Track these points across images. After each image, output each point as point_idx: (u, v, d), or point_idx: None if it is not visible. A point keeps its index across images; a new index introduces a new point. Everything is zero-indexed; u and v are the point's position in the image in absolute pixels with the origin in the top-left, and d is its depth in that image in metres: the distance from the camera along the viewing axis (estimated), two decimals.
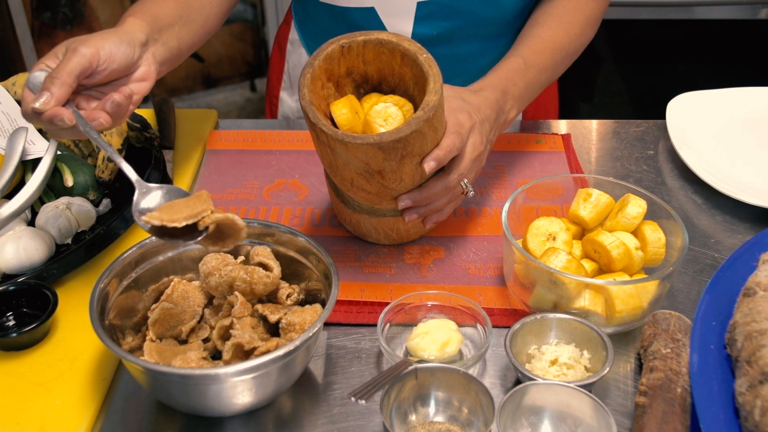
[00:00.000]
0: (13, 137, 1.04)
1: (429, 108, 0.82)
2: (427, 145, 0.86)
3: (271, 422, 0.80)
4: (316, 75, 0.87)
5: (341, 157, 0.85)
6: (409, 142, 0.82)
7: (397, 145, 0.82)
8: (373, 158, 0.83)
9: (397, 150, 0.83)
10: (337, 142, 0.82)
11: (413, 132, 0.81)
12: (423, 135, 0.83)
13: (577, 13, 1.12)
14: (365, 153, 0.82)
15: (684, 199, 1.12)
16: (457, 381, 0.78)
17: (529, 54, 1.08)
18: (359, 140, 0.81)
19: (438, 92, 0.84)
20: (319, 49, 0.88)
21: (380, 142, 0.81)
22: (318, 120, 0.83)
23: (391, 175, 0.86)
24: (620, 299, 0.84)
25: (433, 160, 0.86)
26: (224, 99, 3.20)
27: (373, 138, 0.81)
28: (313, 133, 0.86)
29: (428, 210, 0.94)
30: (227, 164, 1.17)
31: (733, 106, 1.28)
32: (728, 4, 2.31)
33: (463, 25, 1.16)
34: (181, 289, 0.88)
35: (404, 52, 0.87)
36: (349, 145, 0.82)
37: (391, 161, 0.84)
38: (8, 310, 0.89)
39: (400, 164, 0.85)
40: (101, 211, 1.05)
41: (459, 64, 1.20)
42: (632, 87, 2.63)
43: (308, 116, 0.84)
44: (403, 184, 0.88)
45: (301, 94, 0.86)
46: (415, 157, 0.85)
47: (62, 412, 0.80)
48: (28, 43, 2.71)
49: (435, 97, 0.83)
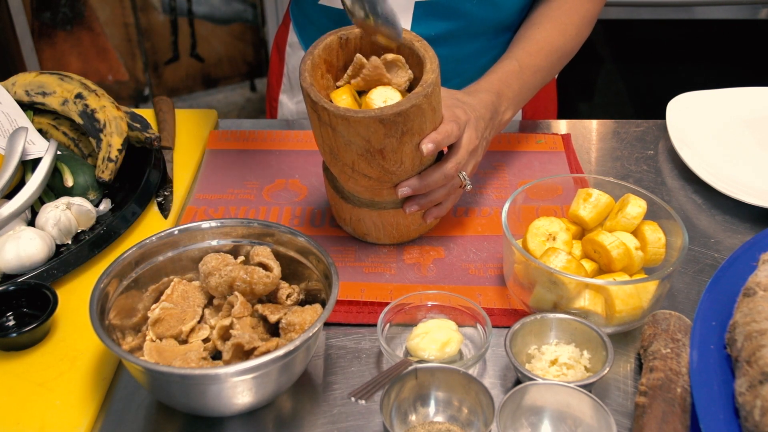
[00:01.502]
0: (13, 137, 1.04)
1: (428, 84, 0.85)
2: (426, 125, 0.87)
3: (271, 422, 0.80)
4: (316, 63, 0.90)
5: (342, 136, 0.86)
6: (409, 116, 0.84)
7: (397, 119, 0.84)
8: (374, 134, 0.84)
9: (398, 125, 0.84)
10: (338, 118, 0.84)
11: (413, 106, 0.83)
12: (422, 112, 0.85)
13: (572, 14, 1.13)
14: (367, 128, 0.84)
15: (684, 199, 1.12)
16: (457, 381, 0.78)
17: (523, 56, 1.09)
18: (361, 114, 0.83)
19: (435, 71, 0.86)
20: (318, 40, 0.91)
21: (381, 115, 0.83)
22: (320, 99, 0.85)
23: (391, 155, 0.87)
24: (620, 299, 0.84)
25: (431, 142, 0.88)
26: (224, 99, 3.20)
27: (375, 112, 0.83)
28: (315, 115, 0.87)
29: (428, 201, 0.95)
30: (227, 164, 1.17)
31: (733, 106, 1.28)
32: (728, 4, 2.31)
33: (462, 26, 1.16)
34: (181, 289, 0.88)
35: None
36: (351, 120, 0.83)
37: (392, 138, 0.85)
38: (8, 310, 0.89)
39: (400, 142, 0.86)
40: (101, 211, 1.05)
41: (457, 64, 1.20)
42: (632, 87, 2.63)
43: (310, 96, 0.86)
44: (404, 168, 0.89)
45: (302, 77, 0.88)
46: (415, 136, 0.87)
47: (62, 412, 0.80)
48: (28, 43, 2.71)
49: (432, 75, 0.86)
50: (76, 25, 2.82)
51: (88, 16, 2.82)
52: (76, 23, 2.82)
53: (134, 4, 2.87)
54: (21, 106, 1.13)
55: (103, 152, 1.05)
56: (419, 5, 1.12)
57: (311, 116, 0.89)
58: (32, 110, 1.15)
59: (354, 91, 0.93)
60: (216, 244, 0.90)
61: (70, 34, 2.83)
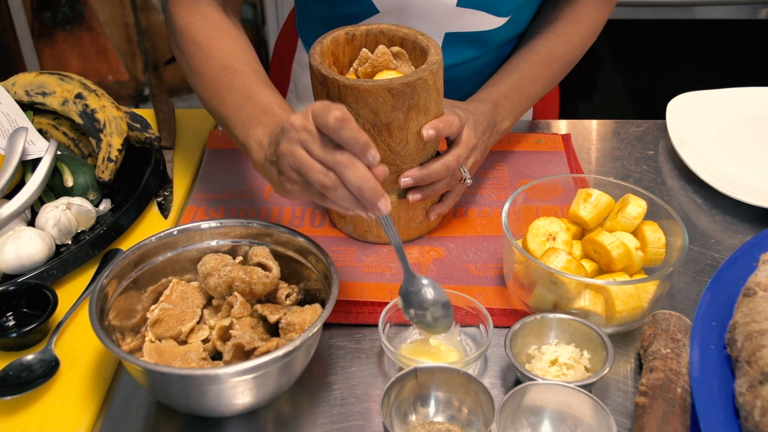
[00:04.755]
0: (13, 137, 1.04)
1: (433, 63, 0.88)
2: (431, 105, 0.90)
3: (271, 422, 0.80)
4: (324, 52, 0.93)
5: (351, 109, 0.88)
6: (416, 89, 0.87)
7: (405, 89, 0.86)
8: (382, 105, 0.86)
9: (405, 97, 0.86)
10: (348, 89, 0.86)
11: (420, 79, 0.86)
12: (428, 87, 0.88)
13: (577, 24, 1.12)
14: (375, 98, 0.86)
15: (684, 199, 1.12)
16: (457, 381, 0.78)
17: (524, 67, 1.10)
18: (370, 83, 0.86)
19: (439, 54, 0.90)
20: (326, 34, 0.95)
21: (390, 85, 0.85)
22: (329, 72, 0.88)
23: (397, 132, 0.89)
24: (620, 299, 0.84)
25: (432, 128, 0.90)
26: None
27: (384, 81, 0.86)
28: (323, 91, 0.89)
29: (431, 190, 0.96)
30: (227, 164, 1.17)
31: (733, 106, 1.28)
32: (728, 4, 2.31)
33: (487, 50, 1.16)
34: (180, 289, 0.88)
35: (403, 36, 0.95)
36: (360, 89, 0.86)
37: (399, 111, 0.87)
38: (8, 310, 0.89)
39: (407, 118, 0.88)
40: (101, 211, 1.05)
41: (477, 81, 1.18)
42: (632, 87, 2.63)
43: (320, 71, 0.88)
44: (408, 149, 0.91)
45: (312, 58, 0.90)
46: (420, 114, 0.89)
47: (62, 412, 0.80)
48: (28, 43, 2.71)
49: (437, 57, 0.89)
50: (76, 25, 2.82)
51: (88, 16, 2.82)
52: (76, 23, 2.82)
53: (134, 4, 2.87)
54: (21, 106, 1.13)
55: (103, 152, 1.05)
56: (449, 36, 1.12)
57: (319, 94, 0.91)
58: (32, 110, 1.15)
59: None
60: (215, 245, 0.90)
61: (70, 34, 2.83)
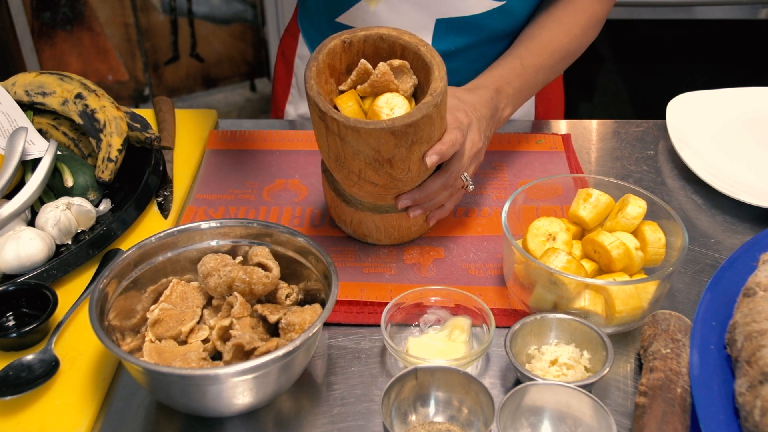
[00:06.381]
0: (13, 137, 1.04)
1: (437, 93, 0.84)
2: (435, 133, 0.87)
3: (271, 422, 0.80)
4: (320, 69, 0.89)
5: (351, 146, 0.85)
6: (420, 127, 0.84)
7: (408, 129, 0.83)
8: (384, 144, 0.84)
9: (408, 135, 0.84)
10: (348, 129, 0.83)
11: (424, 117, 0.83)
12: (432, 121, 0.85)
13: (578, 15, 1.12)
14: (377, 139, 0.83)
15: (684, 199, 1.12)
16: (457, 381, 0.78)
17: (526, 54, 1.09)
18: (372, 125, 0.82)
19: (443, 79, 0.86)
20: (322, 44, 0.90)
21: (393, 126, 0.82)
22: (328, 109, 0.84)
23: (399, 163, 0.87)
24: (620, 299, 0.84)
25: (436, 154, 0.88)
26: (224, 99, 3.20)
27: (386, 123, 0.82)
28: (322, 124, 0.86)
29: (431, 204, 0.95)
30: (227, 164, 1.17)
31: (733, 106, 1.28)
32: (728, 4, 2.31)
33: (479, 39, 1.16)
34: (180, 290, 0.88)
35: (405, 45, 0.89)
36: (362, 131, 0.83)
37: (402, 148, 0.85)
38: (8, 310, 0.89)
39: (409, 152, 0.86)
40: (101, 211, 1.05)
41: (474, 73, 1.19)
42: (632, 87, 2.63)
43: (318, 106, 0.85)
44: (410, 175, 0.89)
45: (308, 85, 0.87)
46: (423, 145, 0.86)
47: (62, 412, 0.80)
48: (28, 43, 2.72)
49: (441, 84, 0.85)
50: (76, 25, 2.82)
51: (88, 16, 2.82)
52: (76, 23, 2.82)
53: (134, 4, 2.87)
54: (21, 106, 1.13)
55: (103, 152, 1.05)
56: (440, 22, 1.11)
57: (317, 125, 0.87)
58: (32, 110, 1.15)
59: (358, 97, 0.92)
60: (215, 245, 0.90)
61: (70, 34, 2.83)
